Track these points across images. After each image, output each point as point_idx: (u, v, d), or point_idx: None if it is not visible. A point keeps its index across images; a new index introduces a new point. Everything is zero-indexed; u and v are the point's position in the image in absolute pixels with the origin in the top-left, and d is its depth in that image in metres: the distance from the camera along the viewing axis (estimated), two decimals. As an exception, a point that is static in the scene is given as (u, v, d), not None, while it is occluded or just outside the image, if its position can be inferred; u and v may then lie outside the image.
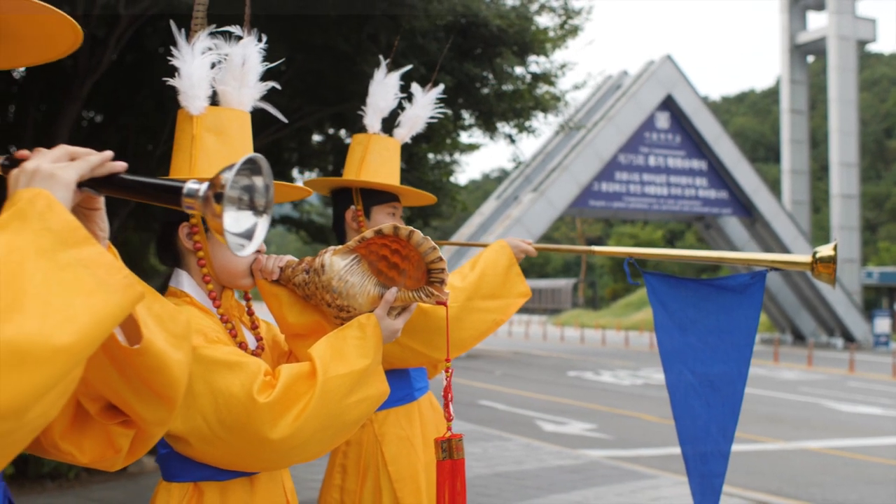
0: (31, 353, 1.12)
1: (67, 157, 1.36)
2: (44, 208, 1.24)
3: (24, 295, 1.14)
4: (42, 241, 1.21)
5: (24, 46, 1.59)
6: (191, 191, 1.32)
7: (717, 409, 3.01)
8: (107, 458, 1.62)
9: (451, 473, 2.31)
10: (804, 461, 10.84)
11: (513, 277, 3.12)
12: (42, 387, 1.14)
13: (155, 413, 1.55)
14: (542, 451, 10.58)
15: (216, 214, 1.29)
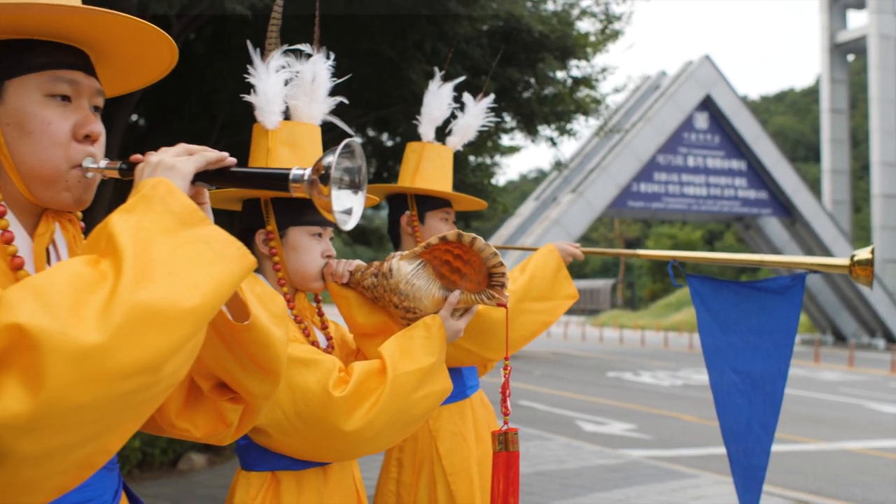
0: (163, 315, 1.28)
1: (186, 153, 1.54)
2: (165, 193, 1.41)
3: (153, 267, 1.31)
4: (165, 221, 1.38)
5: (127, 69, 1.77)
6: (296, 176, 1.50)
7: (759, 406, 3.14)
8: (219, 432, 1.77)
9: (506, 464, 2.46)
10: (845, 461, 10.88)
11: (561, 280, 3.28)
12: (174, 344, 1.30)
13: (261, 387, 1.70)
14: (583, 451, 10.69)
15: (323, 194, 1.46)
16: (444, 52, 7.45)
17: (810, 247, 36.01)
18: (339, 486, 2.44)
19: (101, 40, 1.65)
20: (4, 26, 1.54)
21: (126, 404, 1.29)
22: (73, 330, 1.22)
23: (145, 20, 1.61)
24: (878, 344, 36.73)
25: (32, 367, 1.20)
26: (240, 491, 2.37)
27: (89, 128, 1.62)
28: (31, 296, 1.24)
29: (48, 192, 1.60)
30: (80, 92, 1.62)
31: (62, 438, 1.24)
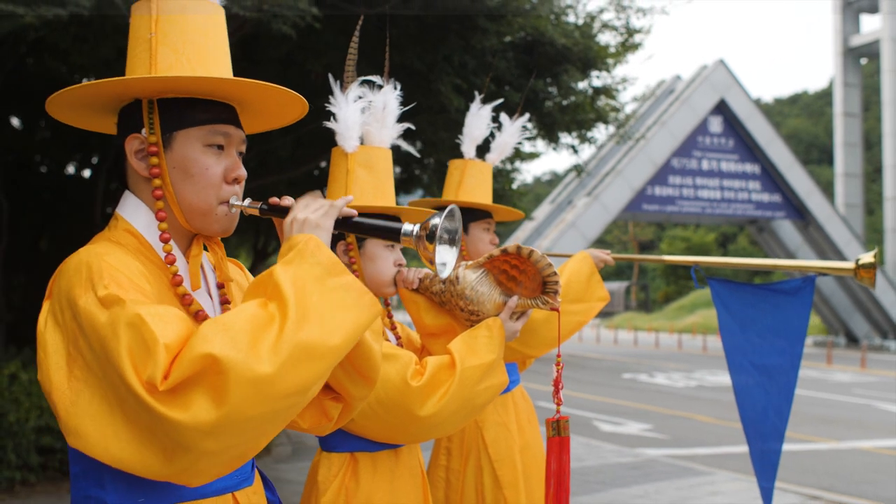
0: (316, 351, 1.67)
1: (324, 208, 1.90)
2: (315, 248, 1.79)
3: (308, 311, 1.69)
4: (315, 271, 1.75)
5: (267, 118, 2.16)
6: (406, 231, 1.86)
7: (774, 395, 3.48)
8: (321, 425, 2.13)
9: (559, 447, 2.84)
10: (857, 460, 11.14)
11: (594, 284, 3.62)
12: (322, 374, 1.70)
13: (360, 391, 2.06)
14: (601, 450, 10.96)
15: (428, 250, 1.82)
16: (471, 65, 7.78)
17: (823, 249, 36.18)
18: (408, 467, 2.80)
19: (247, 99, 2.01)
20: (177, 89, 1.90)
21: (281, 417, 1.69)
22: (252, 362, 1.60)
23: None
24: (889, 346, 36.87)
25: (219, 387, 1.59)
26: (322, 469, 2.71)
27: (237, 172, 1.99)
28: (221, 332, 1.63)
29: (201, 223, 1.97)
30: (230, 142, 1.99)
31: (233, 440, 1.64)
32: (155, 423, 1.61)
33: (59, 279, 1.80)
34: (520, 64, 8.41)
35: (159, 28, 1.90)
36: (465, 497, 3.41)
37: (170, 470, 1.65)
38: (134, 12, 1.95)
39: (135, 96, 1.94)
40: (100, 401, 1.68)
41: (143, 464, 1.65)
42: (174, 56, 1.90)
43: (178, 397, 1.60)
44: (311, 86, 8.06)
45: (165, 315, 1.70)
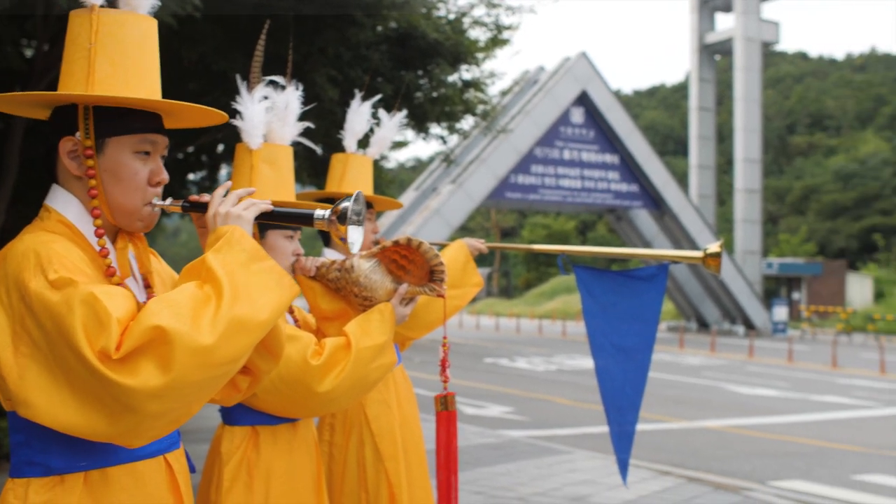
0: (248, 325, 1.91)
1: (245, 204, 2.12)
2: (240, 237, 2.02)
3: (238, 290, 1.92)
4: (241, 257, 1.99)
5: (187, 122, 2.36)
6: (319, 215, 2.07)
7: (631, 373, 3.84)
8: (231, 396, 2.33)
9: (447, 421, 3.19)
10: (705, 438, 11.77)
11: (469, 271, 3.92)
12: (251, 346, 1.94)
13: (266, 364, 2.27)
14: (465, 431, 11.24)
15: (340, 230, 2.04)
16: (346, 57, 7.95)
17: (677, 238, 37.52)
18: (304, 440, 3.04)
19: (175, 111, 2.22)
20: (113, 102, 2.09)
21: (216, 384, 1.93)
22: (195, 333, 1.83)
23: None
24: (737, 330, 38.54)
25: (166, 355, 1.81)
26: (225, 442, 2.91)
27: (161, 177, 2.19)
28: (167, 307, 1.85)
29: (127, 221, 2.17)
30: (156, 149, 2.19)
31: (174, 404, 1.86)
32: (103, 389, 1.81)
33: (5, 265, 1.97)
34: (393, 56, 8.63)
35: (98, 39, 2.07)
36: (348, 470, 3.63)
37: (114, 430, 1.86)
38: (73, 17, 2.11)
39: (72, 101, 2.10)
40: (47, 374, 1.87)
41: (90, 426, 1.85)
42: (111, 69, 2.07)
43: (128, 365, 1.81)
44: (183, 71, 8.09)
45: (115, 293, 1.91)
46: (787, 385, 18.58)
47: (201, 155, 11.90)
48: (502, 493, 7.90)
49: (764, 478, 9.24)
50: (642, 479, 8.54)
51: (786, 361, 24.84)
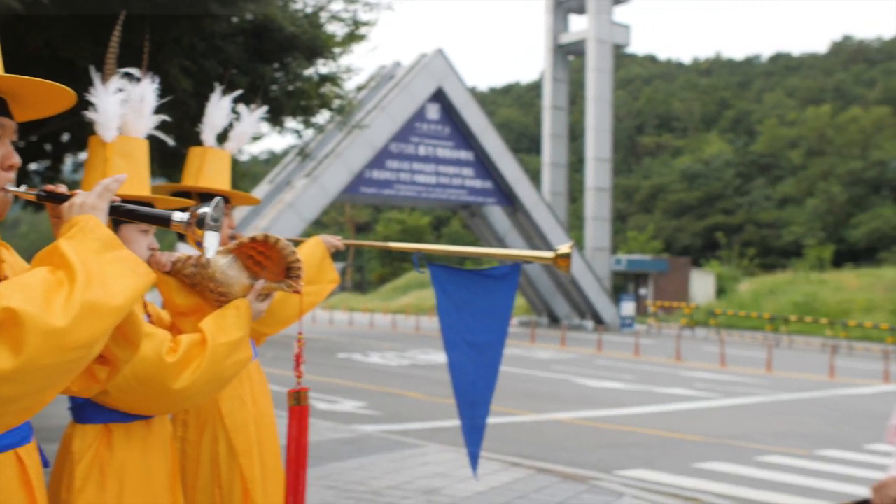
0: (102, 309, 1.87)
1: (98, 191, 2.09)
2: (94, 226, 1.99)
3: (91, 276, 1.89)
4: (95, 245, 1.95)
5: (36, 107, 2.28)
6: (178, 218, 2.06)
7: (483, 368, 3.93)
8: (90, 387, 2.30)
9: (299, 416, 3.20)
10: (554, 430, 12.06)
11: (326, 267, 3.93)
12: (105, 331, 1.90)
13: (125, 353, 2.24)
14: (317, 427, 11.20)
15: (197, 234, 2.03)
16: (200, 47, 7.83)
17: (530, 234, 38.19)
18: (159, 437, 3.00)
19: (20, 92, 2.14)
20: None
21: (70, 369, 1.88)
22: (46, 316, 1.78)
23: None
24: (587, 325, 39.49)
25: (18, 337, 1.76)
26: (77, 440, 2.85)
27: (12, 160, 2.12)
28: (19, 290, 1.80)
29: None
30: (4, 132, 2.12)
31: (27, 388, 1.82)
32: None
33: None
34: (249, 49, 8.55)
35: None
36: (201, 466, 3.60)
37: None
38: None
39: None
40: None
41: None
42: None
43: None
44: (28, 58, 7.84)
45: None
46: (633, 378, 19.16)
47: (44, 144, 11.54)
48: (355, 487, 7.93)
49: (610, 467, 9.53)
50: (493, 471, 8.69)
51: (632, 355, 25.60)
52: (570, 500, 7.69)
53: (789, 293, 44.11)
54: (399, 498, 7.57)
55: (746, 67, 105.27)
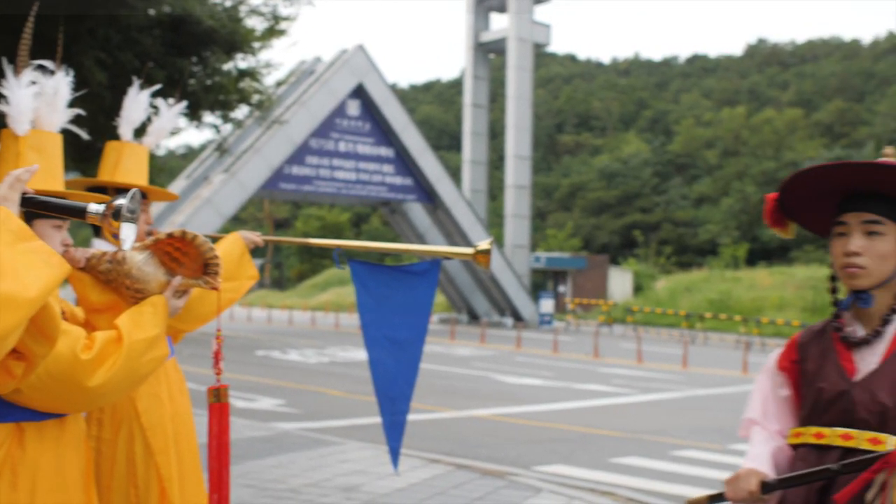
0: (14, 301, 1.84)
1: (9, 183, 2.05)
2: (5, 217, 1.95)
3: (2, 267, 1.85)
4: (7, 237, 1.92)
5: None
6: (94, 210, 2.02)
7: (403, 365, 3.93)
8: (6, 383, 2.27)
9: (219, 413, 3.17)
10: (474, 426, 12.11)
11: (245, 263, 3.89)
12: (19, 323, 1.88)
13: (41, 348, 2.22)
14: (236, 425, 11.03)
15: (114, 226, 1.99)
16: (115, 39, 7.69)
17: (450, 231, 38.29)
18: (73, 435, 2.92)
19: None
20: None
21: None
22: None
23: None
24: (506, 322, 39.72)
25: None
26: None
27: None
28: None
29: None
30: None
31: None
32: None
33: None
34: (166, 42, 8.42)
35: None
36: (117, 465, 3.54)
37: None
38: None
39: None
40: None
41: None
42: None
43: None
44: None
45: None
46: (551, 374, 19.33)
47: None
48: (274, 485, 7.88)
49: (529, 463, 9.61)
50: (413, 468, 8.70)
51: (551, 352, 25.82)
52: (489, 495, 7.73)
53: (704, 291, 44.90)
54: (318, 495, 7.54)
55: (664, 68, 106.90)
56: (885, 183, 2.57)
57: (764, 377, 2.87)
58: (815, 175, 2.67)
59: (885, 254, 2.56)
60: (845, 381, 2.58)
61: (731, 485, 2.62)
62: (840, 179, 2.63)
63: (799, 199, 2.77)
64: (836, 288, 2.72)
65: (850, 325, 2.66)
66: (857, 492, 2.38)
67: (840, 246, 2.62)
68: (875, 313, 2.62)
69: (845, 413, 2.55)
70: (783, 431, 2.77)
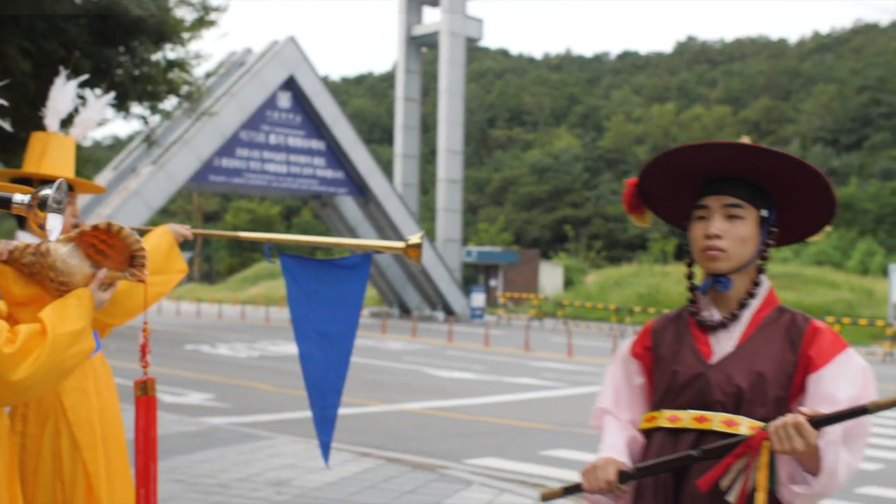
0: None
1: None
2: None
3: None
4: None
5: None
6: (18, 200, 1.98)
7: (334, 358, 3.92)
8: None
9: (146, 406, 3.11)
10: (405, 420, 12.13)
11: (173, 257, 3.86)
12: None
13: None
14: (164, 420, 10.94)
15: (40, 216, 1.96)
16: (40, 28, 7.55)
17: (381, 225, 38.23)
18: None
19: None
20: None
21: None
22: None
23: None
24: (438, 316, 39.79)
25: None
26: None
27: None
28: None
29: None
30: None
31: None
32: None
33: None
34: (93, 31, 8.28)
35: None
36: (42, 461, 3.49)
37: None
38: None
39: None
40: None
41: None
42: None
43: None
44: None
45: None
46: (483, 368, 19.42)
47: None
48: (203, 480, 7.82)
49: (460, 456, 9.65)
50: (343, 462, 8.69)
51: (482, 346, 25.94)
52: (420, 488, 7.75)
53: (634, 285, 45.40)
54: (248, 490, 7.50)
55: (595, 64, 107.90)
56: (746, 167, 2.59)
57: (616, 365, 2.84)
58: (679, 157, 2.67)
59: (745, 237, 2.58)
60: (701, 363, 2.57)
61: (588, 475, 2.57)
62: (703, 162, 2.63)
63: (660, 184, 2.77)
64: (693, 273, 2.71)
65: (706, 310, 2.66)
66: (720, 477, 2.37)
67: (700, 229, 2.62)
68: (733, 297, 2.62)
69: (700, 395, 2.55)
70: (635, 421, 2.75)
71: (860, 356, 2.52)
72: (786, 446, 2.28)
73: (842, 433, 2.36)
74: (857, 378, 2.47)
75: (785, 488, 2.41)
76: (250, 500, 7.17)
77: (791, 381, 2.52)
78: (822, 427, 2.29)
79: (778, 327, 2.58)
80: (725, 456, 2.38)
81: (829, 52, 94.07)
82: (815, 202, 2.65)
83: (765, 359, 2.53)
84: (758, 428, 2.40)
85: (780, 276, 41.79)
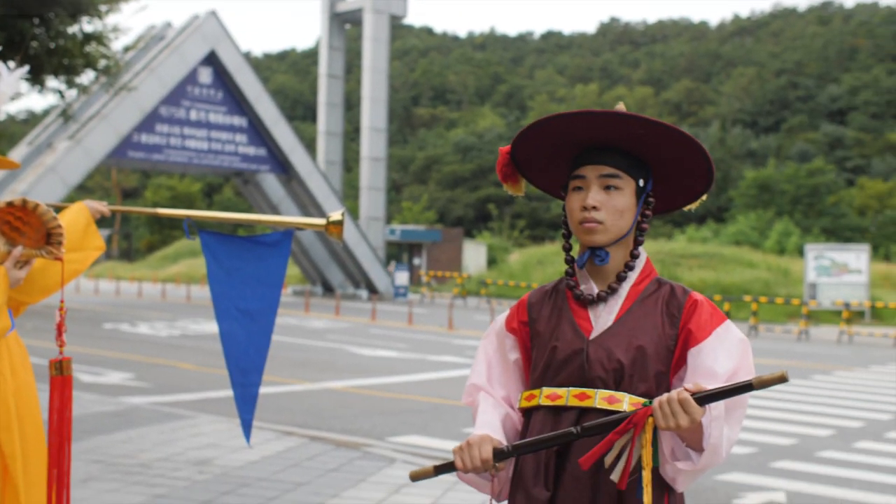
0: None
1: None
2: None
3: None
4: None
5: None
6: None
7: (255, 335, 3.89)
8: None
9: (61, 386, 3.03)
10: (328, 398, 12.10)
11: (91, 234, 3.78)
12: None
13: None
14: (81, 399, 10.76)
15: None
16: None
17: (304, 203, 37.99)
18: None
19: None
20: None
21: None
22: None
23: None
24: (361, 294, 39.74)
25: None
26: None
27: None
28: None
29: None
30: None
31: None
32: None
33: None
34: (5, 2, 8.07)
35: None
36: (-45, 442, 3.42)
37: None
38: None
39: None
40: None
41: None
42: None
43: None
44: None
45: None
46: (406, 346, 19.45)
47: None
48: (123, 460, 7.72)
49: (383, 434, 9.66)
50: (266, 440, 8.65)
51: (406, 324, 25.97)
52: (343, 466, 7.74)
53: (556, 264, 45.75)
54: (169, 470, 7.42)
55: (520, 44, 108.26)
56: (623, 136, 2.50)
57: (490, 340, 2.71)
58: (555, 124, 2.55)
59: (623, 209, 2.49)
60: (581, 338, 2.49)
61: (461, 453, 2.43)
62: (580, 130, 2.53)
63: (535, 152, 2.65)
64: (570, 245, 2.60)
65: (584, 283, 2.56)
66: (602, 454, 2.28)
67: (577, 201, 2.52)
68: (611, 270, 2.54)
69: (581, 371, 2.46)
70: (509, 398, 2.65)
71: (737, 328, 2.48)
72: (670, 423, 2.21)
73: (724, 408, 2.32)
74: (736, 351, 2.43)
75: (669, 465, 2.36)
76: (172, 480, 7.09)
77: (671, 356, 2.47)
78: (707, 403, 2.22)
79: (657, 299, 2.52)
80: (608, 433, 2.28)
81: (748, 35, 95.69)
82: (693, 171, 2.57)
83: (645, 333, 2.47)
84: (640, 404, 2.35)
85: (700, 256, 42.55)
